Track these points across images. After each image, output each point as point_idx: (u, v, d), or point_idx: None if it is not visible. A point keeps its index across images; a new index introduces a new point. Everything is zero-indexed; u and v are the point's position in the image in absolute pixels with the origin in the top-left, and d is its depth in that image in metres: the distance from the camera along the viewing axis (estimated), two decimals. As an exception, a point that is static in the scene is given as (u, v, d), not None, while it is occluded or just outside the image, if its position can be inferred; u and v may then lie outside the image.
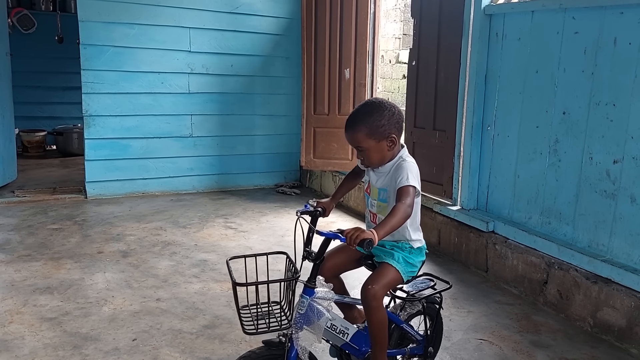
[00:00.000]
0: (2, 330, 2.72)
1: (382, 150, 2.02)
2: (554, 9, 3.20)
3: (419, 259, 2.14)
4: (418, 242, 2.13)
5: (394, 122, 2.01)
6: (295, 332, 1.90)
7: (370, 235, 1.77)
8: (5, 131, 5.59)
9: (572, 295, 3.06)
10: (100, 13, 5.15)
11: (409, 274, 2.10)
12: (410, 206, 1.90)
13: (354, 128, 2.01)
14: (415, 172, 1.99)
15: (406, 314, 2.26)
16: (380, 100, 2.06)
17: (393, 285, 2.08)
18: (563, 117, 3.18)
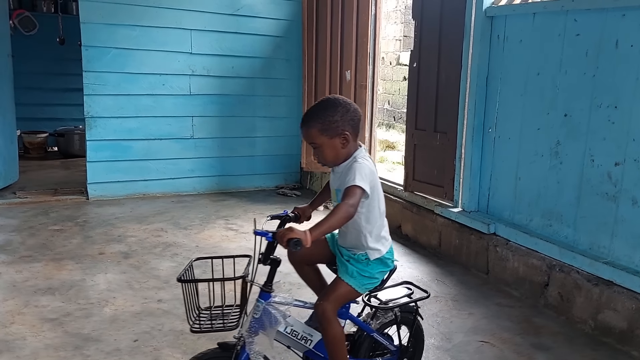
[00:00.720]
0: (4, 331, 2.72)
1: (336, 148, 1.98)
2: (555, 11, 3.21)
3: (378, 270, 2.06)
4: (376, 253, 2.04)
5: (348, 120, 1.97)
6: (249, 336, 1.88)
7: (298, 235, 1.72)
8: (7, 132, 5.60)
9: (573, 298, 3.06)
10: (102, 15, 5.16)
11: (367, 287, 2.04)
12: (352, 206, 1.84)
13: (307, 124, 1.98)
14: (365, 172, 1.91)
15: (378, 322, 2.17)
16: (336, 97, 2.03)
17: (346, 300, 2.04)
18: (564, 119, 3.19)
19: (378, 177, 2.04)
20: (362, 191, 1.88)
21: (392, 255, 2.12)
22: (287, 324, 1.98)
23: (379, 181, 2.04)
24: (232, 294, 1.92)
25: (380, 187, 2.05)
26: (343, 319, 2.08)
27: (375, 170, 2.02)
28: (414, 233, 4.38)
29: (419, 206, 4.34)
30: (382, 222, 2.08)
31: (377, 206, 2.02)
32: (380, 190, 2.06)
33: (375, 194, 2.00)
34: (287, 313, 1.95)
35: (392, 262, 2.11)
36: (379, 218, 2.05)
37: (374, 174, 1.99)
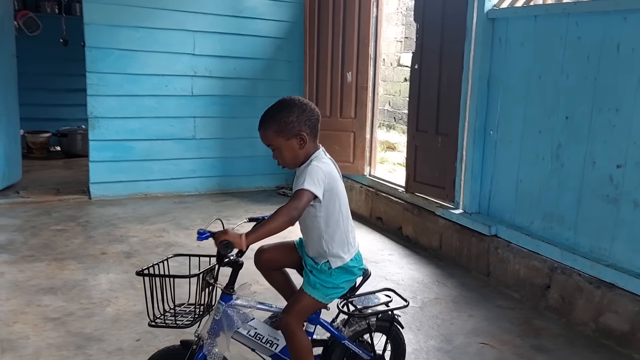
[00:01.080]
0: (7, 330, 2.73)
1: (293, 149, 1.93)
2: (557, 14, 3.22)
3: (343, 279, 1.99)
4: (339, 261, 1.97)
5: (304, 120, 1.92)
6: (208, 337, 1.88)
7: (231, 238, 1.71)
8: (11, 132, 5.62)
9: (574, 300, 3.07)
10: (106, 16, 5.18)
11: (332, 297, 1.99)
12: (296, 210, 1.78)
13: (263, 125, 1.95)
14: (318, 176, 1.85)
15: (351, 330, 2.11)
16: (293, 98, 1.99)
17: (311, 312, 2.01)
18: (566, 122, 3.20)
19: (340, 178, 1.99)
20: (311, 195, 1.82)
21: (359, 263, 2.04)
22: (250, 327, 1.97)
23: (340, 183, 1.97)
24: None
25: (342, 190, 1.98)
26: (313, 324, 2.06)
27: (335, 172, 1.96)
28: (415, 234, 4.39)
29: (420, 207, 4.35)
30: (346, 226, 2.01)
31: (337, 210, 1.96)
32: (342, 193, 1.99)
33: (334, 197, 1.94)
34: (249, 316, 1.94)
35: (359, 269, 2.04)
36: (342, 222, 1.98)
37: (332, 176, 1.92)
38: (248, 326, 1.97)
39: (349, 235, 2.01)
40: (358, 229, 4.79)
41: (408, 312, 3.16)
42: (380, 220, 4.86)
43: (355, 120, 5.22)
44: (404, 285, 3.57)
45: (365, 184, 5.16)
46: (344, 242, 1.99)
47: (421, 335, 2.89)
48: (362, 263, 2.07)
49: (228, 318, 1.88)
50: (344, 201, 2.00)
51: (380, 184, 4.97)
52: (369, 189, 5.08)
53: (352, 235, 2.05)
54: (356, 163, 5.26)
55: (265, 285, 3.47)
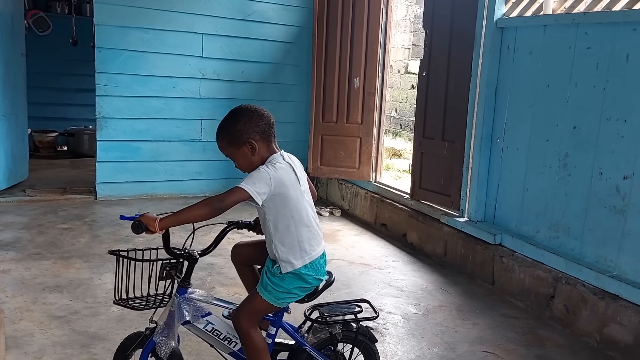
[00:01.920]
0: (12, 327, 2.74)
1: (246, 156, 1.96)
2: (566, 24, 3.23)
3: (295, 285, 1.96)
4: (288, 266, 1.94)
5: (252, 127, 1.94)
6: (162, 327, 1.95)
7: (144, 220, 1.80)
8: (19, 131, 5.65)
9: (578, 311, 3.06)
10: (116, 17, 5.22)
11: (284, 302, 1.98)
12: (220, 202, 1.81)
13: (217, 138, 2.01)
14: (259, 179, 1.86)
15: (315, 337, 2.07)
16: (241, 106, 2.01)
17: (262, 313, 2.01)
18: (573, 131, 3.20)
19: (297, 184, 1.97)
20: (245, 193, 1.83)
21: (315, 272, 1.99)
22: (207, 322, 2.00)
23: (293, 189, 1.94)
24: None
25: (295, 196, 1.95)
26: (275, 327, 2.06)
27: (287, 177, 1.93)
28: (419, 241, 4.39)
29: (425, 215, 4.35)
30: (299, 232, 1.96)
31: (288, 215, 1.94)
32: (296, 198, 1.95)
33: (284, 202, 1.92)
34: (204, 310, 1.98)
35: (315, 279, 2.00)
36: (293, 228, 1.95)
37: (281, 182, 1.90)
38: (205, 321, 2.01)
39: (302, 242, 1.97)
40: (362, 234, 4.79)
41: (412, 319, 3.16)
42: (385, 227, 4.86)
43: (361, 126, 5.23)
44: (408, 291, 3.57)
45: (371, 190, 5.16)
46: (295, 248, 1.96)
47: (424, 343, 2.89)
48: (321, 272, 2.02)
49: (179, 310, 1.94)
50: (297, 207, 1.96)
51: (386, 191, 4.97)
52: (374, 195, 5.08)
53: (310, 242, 1.99)
54: (362, 169, 5.26)
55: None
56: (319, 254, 2.02)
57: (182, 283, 1.97)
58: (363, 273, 3.86)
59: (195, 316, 1.97)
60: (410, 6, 9.22)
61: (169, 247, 1.96)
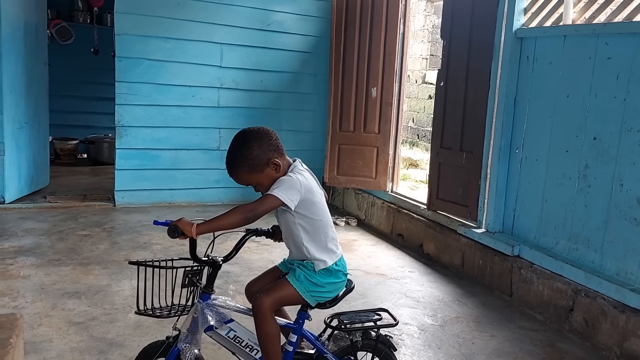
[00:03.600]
0: (32, 332, 2.78)
1: (270, 176, 1.99)
2: (586, 34, 3.20)
3: (327, 280, 2.03)
4: (322, 264, 2.02)
5: (266, 146, 1.99)
6: (186, 334, 1.97)
7: (180, 225, 1.83)
8: (41, 138, 5.76)
9: (598, 324, 3.01)
10: (137, 27, 5.31)
11: (313, 294, 2.02)
12: (253, 211, 1.87)
13: (233, 171, 2.02)
14: (290, 184, 1.93)
15: (336, 345, 2.09)
16: (243, 132, 2.03)
17: (286, 301, 2.05)
18: (593, 142, 3.16)
19: (318, 189, 2.05)
20: (277, 201, 1.89)
21: (343, 268, 2.08)
22: (229, 329, 2.02)
23: (318, 194, 2.03)
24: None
25: (319, 200, 2.03)
26: (296, 334, 2.06)
27: (312, 183, 2.02)
28: (436, 252, 4.36)
29: (442, 225, 4.32)
30: (326, 233, 2.05)
31: (317, 218, 2.02)
32: (320, 202, 2.04)
33: (312, 207, 2.00)
34: (227, 317, 2.01)
35: (344, 275, 2.08)
36: (322, 229, 2.03)
37: (309, 188, 1.98)
38: (227, 327, 2.02)
39: (328, 242, 2.05)
40: (379, 244, 4.78)
41: (428, 330, 3.14)
42: (402, 237, 4.84)
43: (379, 136, 5.23)
44: (425, 302, 3.54)
45: (387, 200, 5.15)
46: (325, 248, 2.04)
47: (441, 354, 2.86)
48: (346, 269, 2.10)
49: (203, 316, 1.97)
50: (323, 210, 2.05)
51: (402, 201, 4.95)
52: (391, 205, 5.07)
53: (333, 243, 2.08)
54: (378, 179, 5.25)
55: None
56: (341, 253, 2.11)
57: (206, 289, 2.00)
58: (379, 283, 3.84)
59: (218, 321, 1.99)
60: (428, 16, 9.23)
61: (195, 254, 1.98)
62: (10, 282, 3.43)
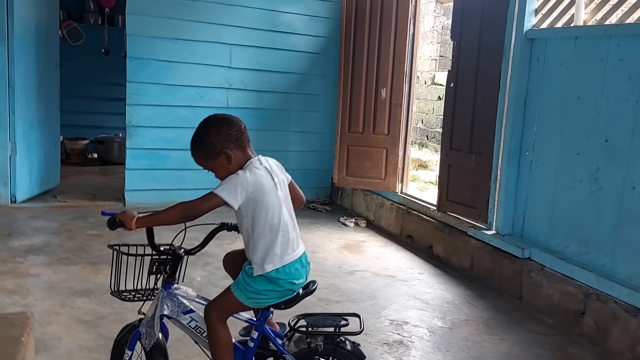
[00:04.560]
0: (41, 330, 2.80)
1: (223, 166, 1.97)
2: (598, 35, 3.18)
3: (265, 287, 1.96)
4: (259, 269, 1.95)
5: (224, 136, 1.95)
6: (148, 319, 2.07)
7: (121, 217, 1.95)
8: (52, 138, 5.80)
9: (609, 328, 2.98)
10: (147, 28, 5.33)
11: (252, 302, 1.98)
12: (193, 209, 1.89)
13: (192, 152, 2.03)
14: (233, 183, 1.90)
15: (296, 347, 2.05)
16: (210, 117, 2.03)
17: (232, 309, 2.01)
18: (605, 144, 3.13)
19: (275, 190, 1.98)
20: (219, 200, 1.87)
21: (288, 276, 1.97)
22: (191, 318, 2.06)
23: (270, 193, 1.96)
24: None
25: (272, 201, 1.96)
26: (257, 331, 2.04)
27: (265, 183, 1.95)
28: (446, 254, 4.34)
29: (452, 227, 4.30)
30: (273, 237, 1.97)
31: (263, 219, 1.95)
32: (273, 204, 1.97)
33: (260, 207, 1.94)
34: (187, 307, 2.06)
35: (288, 283, 1.98)
36: (268, 232, 1.96)
37: (259, 187, 1.93)
38: (188, 317, 2.06)
39: (275, 246, 1.96)
40: (388, 246, 4.76)
41: (437, 333, 3.12)
42: (411, 239, 4.82)
43: (388, 137, 5.22)
44: (434, 304, 3.52)
45: (397, 202, 5.13)
46: (268, 252, 1.96)
47: (451, 357, 2.85)
48: (295, 276, 2.00)
49: (161, 304, 2.04)
50: (272, 212, 1.97)
51: (412, 202, 4.93)
52: (400, 206, 5.05)
53: (284, 247, 1.98)
54: (388, 180, 5.24)
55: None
56: (293, 259, 2.00)
57: (168, 279, 2.08)
58: (388, 285, 3.82)
59: (174, 311, 2.05)
60: (437, 17, 9.21)
61: (154, 244, 2.09)
62: (21, 280, 3.46)
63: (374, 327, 3.13)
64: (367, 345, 2.91)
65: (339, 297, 3.54)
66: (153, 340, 2.05)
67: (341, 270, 4.04)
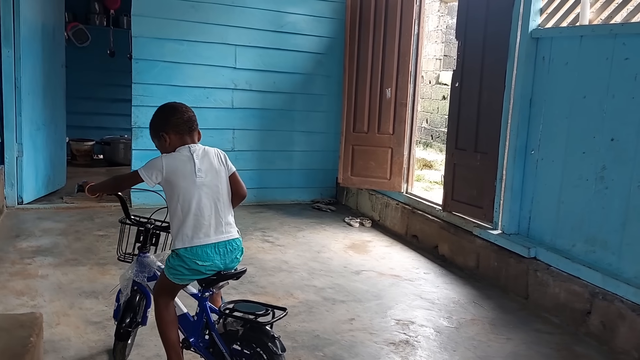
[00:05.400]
0: (50, 331, 2.82)
1: (163, 147, 2.27)
2: (603, 34, 3.17)
3: (176, 262, 2.17)
4: (173, 244, 2.23)
5: (165, 121, 2.25)
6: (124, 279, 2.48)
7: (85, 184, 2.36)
8: (58, 139, 5.84)
9: (616, 327, 2.97)
10: (152, 29, 5.36)
11: (172, 277, 2.20)
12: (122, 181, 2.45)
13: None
14: (151, 164, 2.21)
15: (222, 326, 2.20)
16: (165, 104, 2.34)
17: (166, 286, 2.24)
18: (611, 143, 3.13)
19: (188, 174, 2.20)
20: (138, 177, 2.20)
21: (196, 257, 2.16)
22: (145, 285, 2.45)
23: (185, 178, 2.19)
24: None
25: (185, 186, 2.19)
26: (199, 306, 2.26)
27: (182, 168, 2.20)
28: (451, 254, 4.34)
29: (457, 227, 4.30)
30: (184, 218, 2.18)
31: (175, 201, 2.19)
32: (186, 189, 2.19)
33: (173, 189, 2.20)
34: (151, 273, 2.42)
35: (195, 263, 2.15)
36: (180, 213, 2.19)
37: (174, 170, 2.19)
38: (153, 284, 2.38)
39: (185, 227, 2.17)
40: (393, 245, 4.77)
41: (444, 332, 3.13)
42: (416, 238, 4.82)
43: (393, 137, 5.22)
44: (440, 304, 3.53)
45: (402, 201, 5.14)
46: (179, 231, 2.19)
47: (457, 357, 2.85)
48: (205, 259, 2.16)
49: (134, 267, 2.44)
50: (186, 196, 2.19)
51: (417, 202, 4.94)
52: (405, 206, 5.05)
53: (195, 230, 2.18)
54: (393, 180, 5.25)
55: (300, 298, 3.50)
56: (204, 243, 2.18)
57: (140, 248, 2.46)
58: (394, 285, 3.83)
59: (139, 276, 2.41)
60: (441, 17, 9.20)
61: (128, 214, 2.54)
62: (29, 281, 3.48)
63: (379, 326, 3.14)
64: (373, 345, 2.92)
65: (344, 296, 3.55)
66: (124, 297, 2.46)
67: (347, 270, 4.05)
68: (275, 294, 3.51)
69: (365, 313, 3.32)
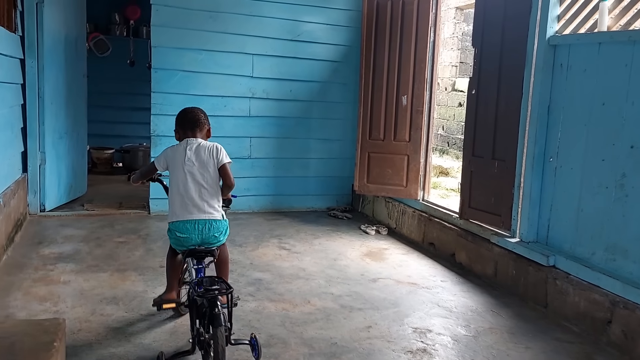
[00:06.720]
0: (72, 337, 2.87)
1: (176, 139, 2.91)
2: (622, 41, 3.15)
3: (169, 232, 2.77)
4: (168, 216, 2.79)
5: (176, 119, 2.90)
6: None
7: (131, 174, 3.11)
8: (79, 148, 5.95)
9: (637, 337, 2.93)
10: (172, 39, 5.44)
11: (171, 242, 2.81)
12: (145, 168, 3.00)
13: None
14: (161, 154, 2.87)
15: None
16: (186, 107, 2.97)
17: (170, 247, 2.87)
18: (631, 151, 3.10)
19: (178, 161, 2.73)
20: (153, 164, 2.86)
21: (177, 230, 2.69)
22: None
23: (176, 164, 2.74)
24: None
25: (176, 169, 2.73)
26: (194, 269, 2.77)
27: (176, 156, 2.75)
28: (469, 262, 4.32)
29: (475, 234, 4.29)
30: (175, 198, 2.74)
31: (172, 182, 2.77)
32: (177, 172, 2.73)
33: (171, 173, 2.78)
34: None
35: (174, 233, 2.70)
36: (175, 193, 2.74)
37: (171, 158, 2.77)
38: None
39: (174, 204, 2.74)
40: (410, 253, 4.76)
41: (462, 341, 3.11)
42: (433, 246, 4.81)
43: (409, 144, 5.23)
44: (457, 312, 3.51)
45: (418, 209, 5.13)
46: (172, 206, 2.76)
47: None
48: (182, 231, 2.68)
49: None
50: (175, 178, 2.74)
51: (434, 209, 4.92)
52: (422, 214, 5.04)
53: (180, 208, 2.71)
54: (409, 187, 5.24)
55: (317, 306, 3.51)
56: (185, 218, 2.70)
57: None
58: (411, 292, 3.83)
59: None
60: (457, 24, 9.19)
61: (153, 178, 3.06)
62: (52, 287, 3.55)
63: (397, 334, 3.14)
64: (391, 352, 2.92)
65: (362, 304, 3.55)
66: None
67: (364, 278, 4.06)
68: (293, 301, 3.53)
69: (383, 321, 3.32)
